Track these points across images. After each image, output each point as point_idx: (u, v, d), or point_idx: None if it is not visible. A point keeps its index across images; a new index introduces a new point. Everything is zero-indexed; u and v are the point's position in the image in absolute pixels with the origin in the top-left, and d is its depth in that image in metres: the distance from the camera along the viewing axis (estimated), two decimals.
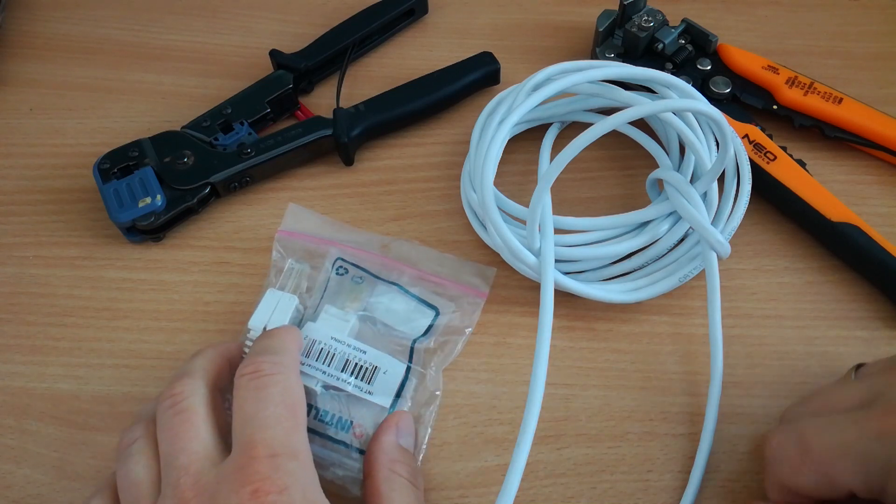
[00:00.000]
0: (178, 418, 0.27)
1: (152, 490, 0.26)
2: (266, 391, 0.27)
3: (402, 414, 0.32)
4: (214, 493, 0.25)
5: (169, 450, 0.26)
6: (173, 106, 0.45)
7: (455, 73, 0.43)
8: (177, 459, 0.26)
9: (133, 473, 0.27)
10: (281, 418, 0.26)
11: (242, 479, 0.24)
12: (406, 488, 0.29)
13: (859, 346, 0.35)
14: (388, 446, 0.30)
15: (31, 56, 0.47)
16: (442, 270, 0.36)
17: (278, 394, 0.27)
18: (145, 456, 0.27)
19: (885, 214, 0.38)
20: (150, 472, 0.27)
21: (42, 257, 0.39)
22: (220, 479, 0.25)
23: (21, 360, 0.36)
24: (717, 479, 0.32)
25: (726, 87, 0.41)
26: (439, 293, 0.36)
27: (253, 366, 0.28)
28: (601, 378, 0.34)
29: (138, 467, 0.27)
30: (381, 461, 0.29)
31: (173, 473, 0.26)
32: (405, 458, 0.30)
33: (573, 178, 0.40)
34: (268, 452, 0.25)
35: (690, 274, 0.35)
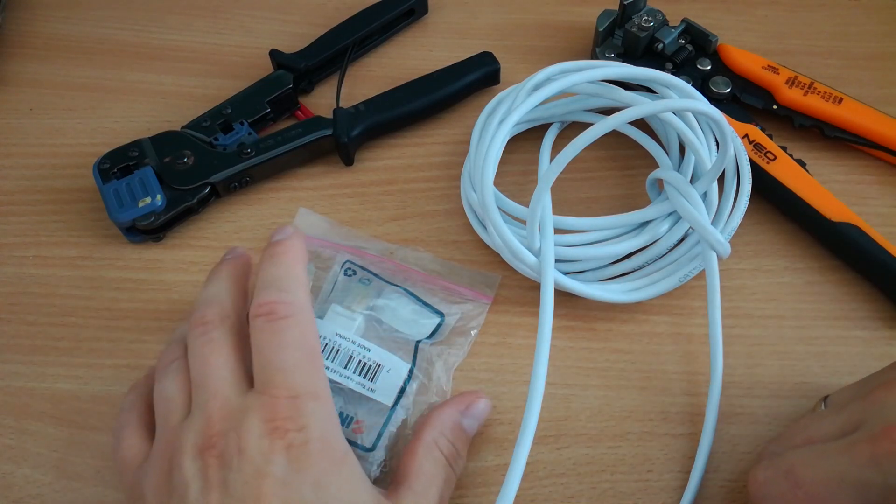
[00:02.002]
0: (207, 347, 0.28)
1: (183, 407, 0.28)
2: (283, 335, 0.27)
3: (478, 396, 0.32)
4: (239, 420, 0.26)
5: (198, 375, 0.28)
6: (173, 106, 0.45)
7: (455, 73, 0.43)
8: (206, 384, 0.27)
9: (167, 391, 0.28)
10: (300, 362, 0.27)
11: (265, 414, 0.26)
12: (440, 464, 0.29)
13: (859, 346, 0.35)
14: (446, 418, 0.31)
15: (31, 56, 0.47)
16: (448, 276, 0.37)
17: (296, 338, 0.27)
18: (180, 375, 0.29)
19: (885, 214, 0.38)
20: (183, 392, 0.28)
21: (42, 257, 0.39)
22: (244, 409, 0.26)
23: (21, 360, 0.36)
24: (717, 479, 0.32)
25: (726, 87, 0.41)
26: (444, 298, 0.36)
27: (267, 307, 0.28)
28: (601, 378, 0.34)
29: (173, 386, 0.28)
30: (432, 428, 0.30)
31: (202, 396, 0.27)
32: (455, 437, 0.30)
33: (573, 178, 0.40)
34: (288, 393, 0.26)
35: (690, 274, 0.35)
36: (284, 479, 0.25)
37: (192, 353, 0.29)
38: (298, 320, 0.28)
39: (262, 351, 0.27)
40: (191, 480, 0.25)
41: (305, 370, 0.27)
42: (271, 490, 0.24)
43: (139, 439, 0.29)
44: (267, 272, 0.29)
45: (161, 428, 0.28)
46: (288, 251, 0.30)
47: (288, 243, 0.30)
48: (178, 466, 0.26)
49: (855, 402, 0.27)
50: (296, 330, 0.28)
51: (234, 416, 0.26)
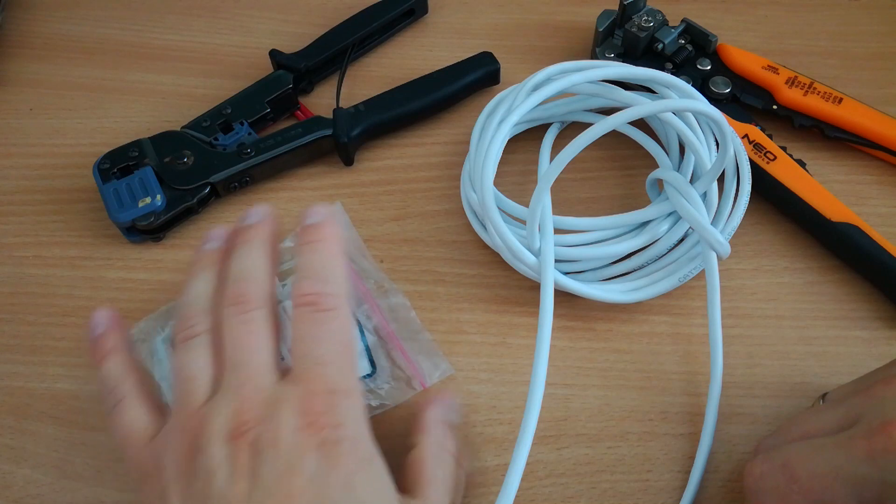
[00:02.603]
0: (245, 328, 0.27)
1: (208, 387, 0.27)
2: (325, 327, 0.27)
3: (449, 394, 0.32)
4: (275, 411, 0.25)
5: (234, 356, 0.27)
6: (173, 106, 0.45)
7: (455, 73, 0.43)
8: (242, 367, 0.26)
9: (191, 367, 0.27)
10: (337, 356, 0.27)
11: (301, 407, 0.25)
12: (451, 466, 0.29)
13: (859, 346, 0.35)
14: (439, 421, 0.31)
15: (31, 56, 0.47)
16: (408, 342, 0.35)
17: (336, 331, 0.27)
18: (206, 350, 0.28)
19: (885, 214, 0.38)
20: (209, 367, 0.27)
21: (42, 257, 0.39)
22: (280, 399, 0.26)
23: (21, 360, 0.36)
24: (717, 479, 0.32)
25: (726, 87, 0.41)
26: (390, 361, 0.34)
27: (312, 297, 0.28)
28: (601, 378, 0.34)
29: (198, 361, 0.27)
30: (431, 434, 0.30)
31: (235, 378, 0.26)
32: (453, 436, 0.31)
33: (573, 178, 0.40)
34: (325, 388, 0.26)
35: (690, 274, 0.35)
36: (315, 477, 0.24)
37: (227, 329, 0.28)
38: (340, 314, 0.28)
39: (303, 340, 0.27)
40: (218, 467, 0.24)
41: (343, 366, 0.27)
42: (301, 487, 0.24)
43: (143, 412, 0.28)
44: (309, 260, 0.29)
45: (181, 405, 0.27)
46: (328, 239, 0.29)
47: (328, 231, 0.30)
48: (204, 451, 0.25)
49: (853, 397, 0.27)
50: (336, 324, 0.27)
51: (269, 404, 0.26)
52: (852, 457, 0.24)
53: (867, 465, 0.24)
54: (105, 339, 0.30)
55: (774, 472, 0.26)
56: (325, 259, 0.29)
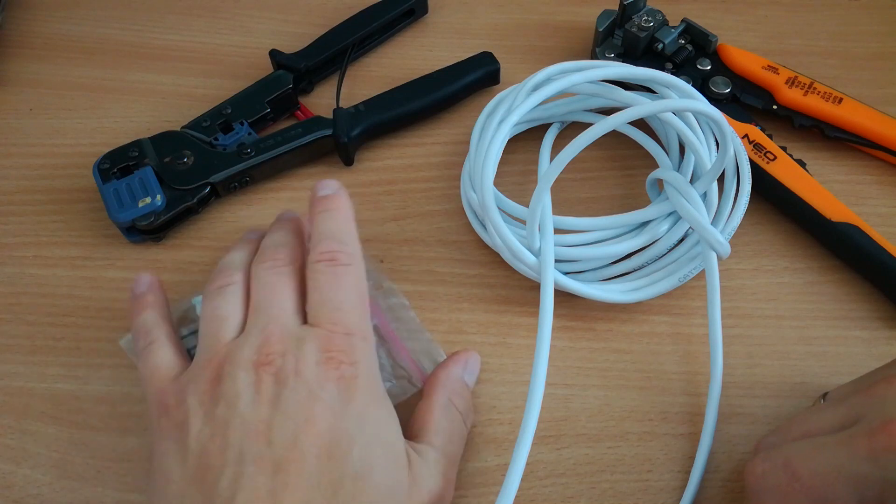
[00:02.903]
0: (276, 277, 0.30)
1: (236, 328, 0.29)
2: (343, 279, 0.29)
3: (470, 353, 0.34)
4: (298, 344, 0.27)
5: (262, 299, 0.29)
6: (173, 106, 0.45)
7: (455, 73, 0.43)
8: (269, 308, 0.29)
9: (222, 309, 0.29)
10: (355, 304, 0.29)
11: (322, 344, 0.27)
12: (457, 421, 0.31)
13: (859, 346, 0.35)
14: (454, 377, 0.32)
15: (31, 56, 0.47)
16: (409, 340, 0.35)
17: (352, 283, 0.29)
18: (238, 297, 0.30)
19: (885, 214, 0.38)
20: (239, 312, 0.29)
21: (42, 257, 0.39)
22: (303, 337, 0.28)
23: (21, 360, 0.36)
24: (717, 479, 0.32)
25: (726, 87, 0.41)
26: (391, 361, 0.34)
27: (329, 254, 0.29)
28: (601, 378, 0.34)
29: (229, 305, 0.29)
30: (443, 387, 0.32)
31: (263, 319, 0.28)
32: (464, 393, 0.32)
33: (573, 178, 0.40)
34: (344, 330, 0.28)
35: (690, 274, 0.35)
36: (333, 407, 0.26)
37: (257, 279, 0.30)
38: (356, 269, 0.30)
39: (321, 290, 0.29)
40: (242, 391, 0.26)
41: (359, 312, 0.29)
42: (320, 414, 0.26)
43: (173, 354, 0.30)
44: (325, 224, 0.31)
45: (209, 342, 0.28)
46: (341, 206, 0.31)
47: (339, 200, 0.32)
48: (231, 376, 0.27)
49: (854, 396, 0.27)
50: (353, 276, 0.29)
51: (292, 340, 0.27)
52: (854, 455, 0.24)
53: (868, 464, 0.24)
54: (145, 296, 0.32)
55: (776, 470, 0.26)
56: (340, 223, 0.31)
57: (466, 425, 0.32)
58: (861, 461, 0.24)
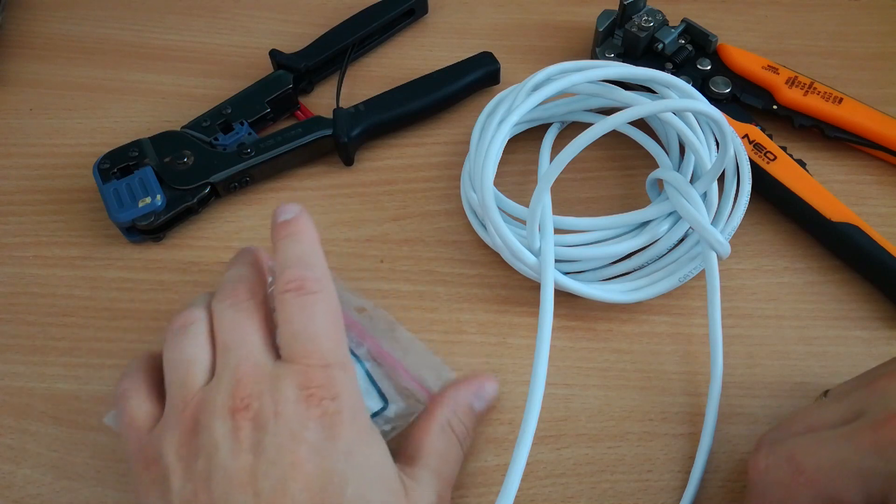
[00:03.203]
0: (239, 314, 0.28)
1: (205, 372, 0.27)
2: (313, 308, 0.27)
3: (487, 378, 0.33)
4: (274, 383, 0.26)
5: (229, 339, 0.27)
6: (173, 106, 0.45)
7: (455, 73, 0.43)
8: (238, 347, 0.27)
9: (188, 352, 0.27)
10: (330, 332, 0.27)
11: (300, 380, 0.26)
12: (452, 444, 0.30)
13: (859, 346, 0.35)
14: (460, 399, 0.31)
15: (31, 56, 0.47)
16: (405, 357, 0.34)
17: (324, 310, 0.28)
18: (202, 337, 0.28)
19: (885, 214, 0.38)
20: (206, 354, 0.27)
21: (42, 257, 0.39)
22: (278, 375, 0.26)
23: (21, 360, 0.36)
24: (717, 479, 0.32)
25: (726, 87, 0.41)
26: (394, 383, 0.33)
27: (296, 282, 0.28)
28: (601, 378, 0.34)
29: (194, 347, 0.27)
30: (446, 408, 0.31)
31: (232, 359, 0.27)
32: (467, 419, 0.31)
33: (573, 178, 0.40)
34: (321, 362, 0.26)
35: (690, 274, 0.35)
36: (318, 446, 0.25)
37: (220, 318, 0.28)
38: (326, 295, 0.28)
39: (292, 322, 0.27)
40: (220, 441, 0.25)
41: (335, 341, 0.27)
42: (307, 456, 0.24)
43: (149, 403, 0.28)
44: (289, 250, 0.29)
45: (178, 390, 0.27)
46: (304, 230, 0.30)
47: (301, 221, 0.30)
48: (206, 427, 0.25)
49: (857, 391, 0.27)
50: (324, 303, 0.28)
51: (267, 379, 0.26)
52: (858, 449, 0.24)
53: (873, 457, 0.24)
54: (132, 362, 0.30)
55: (779, 464, 0.26)
56: (304, 247, 0.29)
57: (463, 449, 0.31)
58: (865, 454, 0.24)
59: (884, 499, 0.24)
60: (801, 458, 0.25)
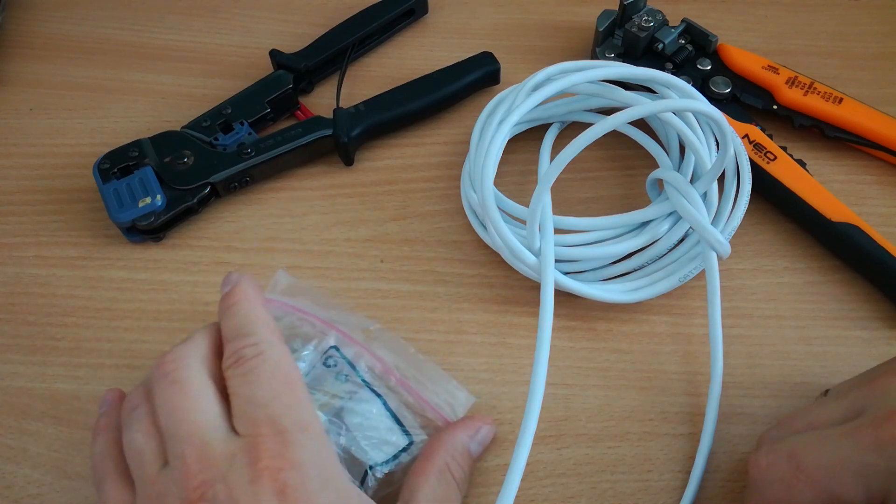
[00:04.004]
0: (172, 389, 0.26)
1: (156, 458, 0.26)
2: (254, 373, 0.26)
3: (485, 423, 0.32)
4: (225, 469, 0.24)
5: (168, 422, 0.26)
6: (173, 106, 0.45)
7: (455, 73, 0.43)
8: (178, 431, 0.25)
9: (136, 442, 0.26)
10: (278, 394, 0.26)
11: (251, 456, 0.24)
12: (451, 490, 0.29)
13: (859, 346, 0.35)
14: (457, 443, 0.30)
15: (31, 56, 0.47)
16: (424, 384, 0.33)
17: (267, 372, 0.26)
18: (145, 423, 0.26)
19: (885, 214, 0.38)
20: (152, 439, 0.26)
21: (42, 257, 0.39)
22: (228, 455, 0.24)
23: (21, 360, 0.36)
24: (717, 479, 0.32)
25: (726, 87, 0.41)
26: (415, 414, 0.32)
27: (234, 356, 0.27)
28: (601, 378, 0.34)
29: (139, 436, 0.26)
30: (444, 452, 0.30)
31: (177, 446, 0.25)
32: (464, 462, 0.30)
33: (573, 178, 0.40)
34: (273, 430, 0.25)
35: (690, 274, 0.35)
36: None
37: (157, 399, 0.26)
38: (268, 356, 0.27)
39: (238, 395, 0.26)
40: None
41: (286, 401, 0.26)
42: None
43: (123, 489, 0.27)
44: (226, 326, 0.28)
45: (140, 479, 0.26)
46: (240, 299, 0.29)
47: (238, 291, 0.29)
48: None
49: (858, 389, 0.27)
50: (267, 365, 0.26)
51: (216, 463, 0.24)
52: (859, 446, 0.24)
53: (874, 455, 0.24)
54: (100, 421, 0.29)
55: (780, 462, 0.26)
56: (239, 317, 0.28)
57: (461, 493, 0.30)
58: (866, 452, 0.24)
59: (884, 496, 0.24)
60: (801, 456, 0.25)
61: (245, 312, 0.28)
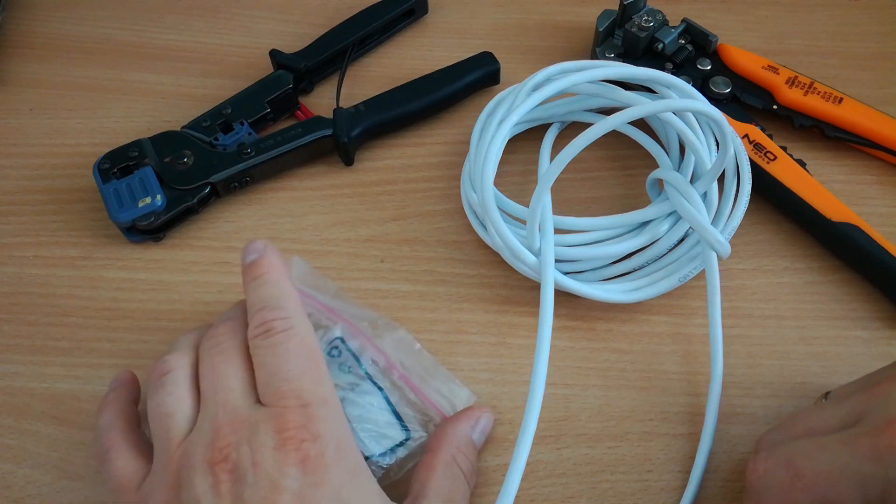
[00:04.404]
0: (220, 357, 0.28)
1: (184, 423, 0.27)
2: (283, 347, 0.27)
3: (484, 412, 0.32)
4: (251, 432, 0.25)
5: (208, 384, 0.27)
6: (173, 106, 0.45)
7: (455, 73, 0.43)
8: (216, 394, 0.26)
9: (166, 404, 0.27)
10: (304, 369, 0.27)
11: (277, 425, 0.25)
12: (460, 481, 0.29)
13: (859, 346, 0.35)
14: (461, 434, 0.31)
15: (31, 56, 0.47)
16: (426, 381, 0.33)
17: (296, 347, 0.27)
18: (180, 388, 0.27)
19: (885, 214, 0.38)
20: (183, 404, 0.27)
21: (42, 257, 0.39)
22: (256, 420, 0.25)
23: (21, 360, 0.36)
24: (717, 479, 0.32)
25: (726, 87, 0.41)
26: (416, 411, 0.32)
27: (263, 326, 0.28)
28: (601, 378, 0.34)
29: (171, 398, 0.27)
30: (450, 445, 0.30)
31: (211, 408, 0.26)
32: (470, 453, 0.30)
33: (573, 178, 0.40)
34: (298, 402, 0.26)
35: (690, 274, 0.35)
36: (301, 493, 0.24)
37: (202, 363, 0.28)
38: (297, 331, 0.28)
39: (265, 366, 0.27)
40: (202, 496, 0.24)
41: (312, 376, 0.27)
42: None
43: (132, 459, 0.28)
44: (255, 295, 0.29)
45: (162, 443, 0.26)
46: (269, 269, 0.29)
47: (266, 262, 0.30)
48: (188, 482, 0.25)
49: (857, 394, 0.27)
50: (296, 340, 0.27)
51: (245, 427, 0.25)
52: (857, 454, 0.24)
53: (872, 464, 0.24)
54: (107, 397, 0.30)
55: (778, 468, 0.26)
56: (269, 289, 0.29)
57: (469, 486, 0.30)
58: (864, 460, 0.24)
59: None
60: (799, 463, 0.25)
61: (273, 283, 0.29)
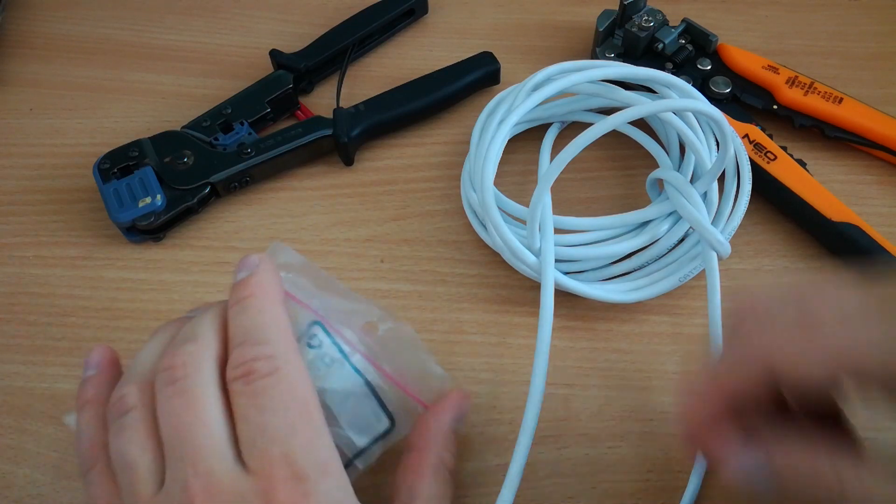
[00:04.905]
0: (179, 400, 0.23)
1: (151, 477, 0.23)
2: (268, 396, 0.23)
3: (463, 397, 0.29)
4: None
5: (171, 436, 0.23)
6: (173, 106, 0.45)
7: (455, 73, 0.43)
8: (183, 451, 0.22)
9: (129, 455, 0.23)
10: (294, 426, 0.22)
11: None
12: (448, 483, 0.27)
13: None
14: (445, 429, 0.28)
15: (31, 56, 0.47)
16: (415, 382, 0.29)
17: (284, 396, 0.23)
18: (140, 433, 0.23)
19: (885, 214, 0.38)
20: (147, 454, 0.23)
21: (42, 257, 0.39)
22: (237, 494, 0.21)
23: (21, 360, 0.36)
24: (717, 479, 0.32)
25: (726, 87, 0.41)
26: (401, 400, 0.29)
27: (243, 368, 0.23)
28: (601, 378, 0.34)
29: (132, 448, 0.23)
30: (434, 444, 0.27)
31: (179, 467, 0.22)
32: (454, 448, 0.28)
33: (573, 178, 0.40)
34: (290, 472, 0.22)
35: (690, 274, 0.35)
36: None
37: (160, 403, 0.23)
38: (284, 374, 0.23)
39: (247, 419, 0.22)
40: None
41: (305, 436, 0.22)
42: None
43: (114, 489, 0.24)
44: (235, 324, 0.24)
45: (129, 497, 0.23)
46: (256, 292, 0.25)
47: (254, 281, 0.25)
48: None
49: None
50: (283, 386, 0.23)
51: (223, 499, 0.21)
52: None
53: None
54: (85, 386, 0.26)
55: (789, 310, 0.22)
56: (252, 317, 0.24)
57: (454, 481, 0.28)
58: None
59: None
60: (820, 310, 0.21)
61: (258, 310, 0.24)
